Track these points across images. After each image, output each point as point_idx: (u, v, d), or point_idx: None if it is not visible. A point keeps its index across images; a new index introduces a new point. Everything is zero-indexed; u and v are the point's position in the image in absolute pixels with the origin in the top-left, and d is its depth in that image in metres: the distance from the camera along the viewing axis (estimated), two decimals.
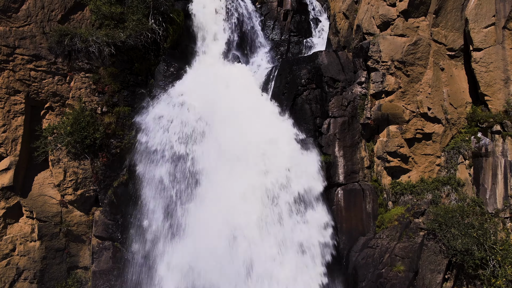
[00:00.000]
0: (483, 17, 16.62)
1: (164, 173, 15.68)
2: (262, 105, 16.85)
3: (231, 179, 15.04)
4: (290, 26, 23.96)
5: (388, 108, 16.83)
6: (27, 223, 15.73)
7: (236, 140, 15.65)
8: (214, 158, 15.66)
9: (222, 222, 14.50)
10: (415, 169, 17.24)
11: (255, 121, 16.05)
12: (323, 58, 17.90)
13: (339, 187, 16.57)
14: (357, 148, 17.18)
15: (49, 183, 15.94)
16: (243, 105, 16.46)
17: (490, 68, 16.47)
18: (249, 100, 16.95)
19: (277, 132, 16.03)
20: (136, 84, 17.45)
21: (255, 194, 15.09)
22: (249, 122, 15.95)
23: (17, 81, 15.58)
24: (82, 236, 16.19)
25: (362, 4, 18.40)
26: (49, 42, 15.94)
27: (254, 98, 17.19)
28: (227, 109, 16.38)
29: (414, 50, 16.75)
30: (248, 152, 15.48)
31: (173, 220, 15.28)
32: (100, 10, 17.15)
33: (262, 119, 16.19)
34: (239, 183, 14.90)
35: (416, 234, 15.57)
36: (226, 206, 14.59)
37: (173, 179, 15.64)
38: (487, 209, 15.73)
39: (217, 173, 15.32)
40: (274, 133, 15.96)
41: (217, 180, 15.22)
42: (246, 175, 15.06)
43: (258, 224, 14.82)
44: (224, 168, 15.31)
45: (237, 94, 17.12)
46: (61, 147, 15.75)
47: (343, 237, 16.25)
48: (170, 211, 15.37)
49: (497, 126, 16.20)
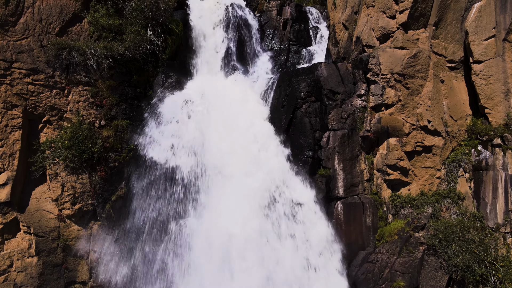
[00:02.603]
0: (483, 29, 16.54)
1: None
2: (260, 127, 16.82)
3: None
4: (290, 35, 23.90)
5: (388, 121, 16.74)
6: (25, 238, 15.60)
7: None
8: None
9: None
10: (415, 182, 17.15)
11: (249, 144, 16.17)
12: (323, 70, 17.80)
13: (338, 201, 16.46)
14: (356, 161, 17.08)
15: (46, 198, 15.82)
16: (239, 124, 16.46)
17: (490, 81, 16.39)
18: (246, 116, 16.90)
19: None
20: (134, 97, 17.34)
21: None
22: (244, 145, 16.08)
23: (15, 96, 15.47)
24: (80, 251, 16.05)
25: (362, 15, 18.31)
26: (47, 55, 15.83)
27: (251, 116, 17.13)
28: (223, 126, 16.46)
29: (414, 63, 16.66)
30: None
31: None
32: (98, 22, 17.07)
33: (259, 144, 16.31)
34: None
35: (416, 249, 15.46)
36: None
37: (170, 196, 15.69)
38: (487, 223, 15.63)
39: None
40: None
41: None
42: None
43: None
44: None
45: (235, 110, 17.08)
46: (58, 161, 15.64)
47: (343, 251, 16.12)
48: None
49: (498, 139, 16.11)
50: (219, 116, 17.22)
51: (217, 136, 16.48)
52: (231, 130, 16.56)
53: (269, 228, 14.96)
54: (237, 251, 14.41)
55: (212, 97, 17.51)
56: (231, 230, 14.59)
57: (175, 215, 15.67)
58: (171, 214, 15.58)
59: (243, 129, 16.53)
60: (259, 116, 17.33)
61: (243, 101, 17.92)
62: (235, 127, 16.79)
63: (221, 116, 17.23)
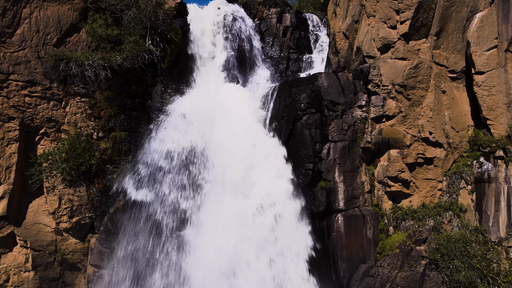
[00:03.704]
0: (485, 40, 16.35)
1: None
2: (261, 141, 16.64)
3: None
4: (290, 42, 23.75)
5: (389, 132, 16.56)
6: (21, 252, 15.42)
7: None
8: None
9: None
10: (417, 194, 16.96)
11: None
12: (323, 80, 17.63)
13: (339, 213, 16.27)
14: (357, 172, 16.90)
15: (43, 211, 15.63)
16: (238, 141, 16.30)
17: (493, 92, 16.20)
18: (246, 130, 16.73)
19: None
20: (133, 108, 17.15)
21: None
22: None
23: (11, 108, 15.30)
24: (77, 264, 15.87)
25: (362, 25, 18.14)
26: (44, 67, 15.65)
27: (251, 130, 16.96)
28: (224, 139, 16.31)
29: (415, 74, 16.49)
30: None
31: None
32: (96, 32, 16.90)
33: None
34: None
35: (417, 263, 15.26)
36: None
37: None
38: (490, 237, 15.44)
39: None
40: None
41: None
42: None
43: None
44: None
45: (234, 122, 16.94)
46: (56, 174, 15.47)
47: (343, 265, 15.94)
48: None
49: (500, 151, 15.91)
50: (218, 126, 17.05)
51: (217, 148, 16.33)
52: (230, 142, 16.36)
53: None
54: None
55: (210, 109, 17.30)
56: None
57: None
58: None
59: (242, 143, 16.31)
60: (258, 128, 17.12)
61: (242, 111, 17.72)
62: (234, 138, 16.60)
63: (220, 126, 17.07)
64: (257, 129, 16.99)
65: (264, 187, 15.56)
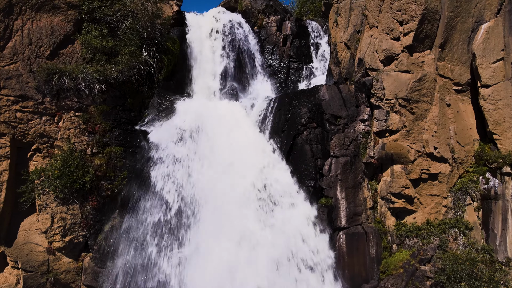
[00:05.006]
0: (491, 52, 15.86)
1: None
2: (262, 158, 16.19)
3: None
4: (290, 51, 23.25)
5: (392, 147, 16.06)
6: (12, 273, 14.91)
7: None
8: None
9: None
10: (421, 210, 16.45)
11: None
12: (324, 93, 17.13)
13: (341, 231, 15.76)
14: (359, 188, 16.39)
15: (35, 229, 15.14)
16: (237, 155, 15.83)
17: (499, 106, 15.69)
18: (244, 143, 16.25)
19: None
20: (128, 122, 16.67)
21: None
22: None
23: (2, 124, 14.79)
24: (70, 284, 15.38)
25: (364, 36, 17.65)
26: (37, 81, 15.16)
27: (248, 141, 16.47)
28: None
29: (419, 87, 15.99)
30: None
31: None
32: (91, 44, 16.40)
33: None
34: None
35: (422, 283, 14.77)
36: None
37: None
38: (497, 257, 14.92)
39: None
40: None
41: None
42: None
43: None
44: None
45: (232, 136, 16.45)
46: (48, 191, 14.97)
47: (345, 285, 15.43)
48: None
49: (507, 167, 15.39)
50: (216, 142, 16.56)
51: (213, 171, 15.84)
52: (228, 159, 15.88)
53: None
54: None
55: (208, 124, 16.79)
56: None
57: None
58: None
59: (240, 159, 15.81)
60: (258, 142, 16.64)
61: (241, 125, 17.23)
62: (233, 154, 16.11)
63: (217, 142, 16.57)
64: (256, 143, 16.49)
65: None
